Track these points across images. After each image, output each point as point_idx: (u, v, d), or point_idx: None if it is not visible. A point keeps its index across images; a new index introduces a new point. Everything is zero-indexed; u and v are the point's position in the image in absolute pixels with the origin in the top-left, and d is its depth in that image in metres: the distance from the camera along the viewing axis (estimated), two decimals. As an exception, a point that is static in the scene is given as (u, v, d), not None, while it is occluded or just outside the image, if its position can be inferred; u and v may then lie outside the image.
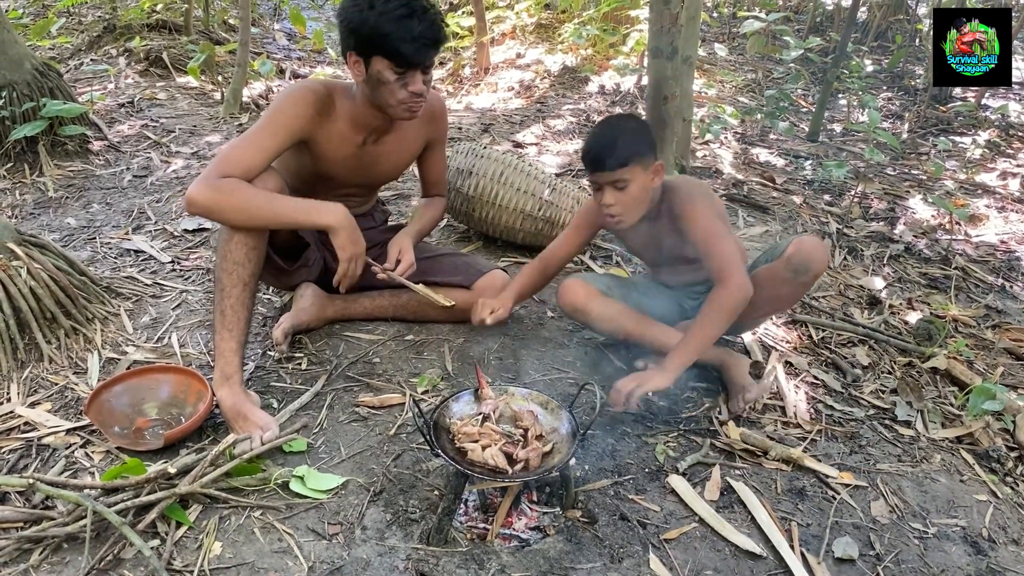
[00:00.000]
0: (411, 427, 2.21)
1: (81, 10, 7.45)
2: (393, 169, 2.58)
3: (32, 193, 3.91)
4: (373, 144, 2.42)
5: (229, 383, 2.14)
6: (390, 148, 2.46)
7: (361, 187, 2.61)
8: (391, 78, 2.14)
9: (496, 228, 3.33)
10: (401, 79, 2.15)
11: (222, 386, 2.14)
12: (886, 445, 2.35)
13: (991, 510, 2.12)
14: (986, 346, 3.05)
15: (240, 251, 2.16)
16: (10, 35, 4.07)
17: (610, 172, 2.19)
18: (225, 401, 2.12)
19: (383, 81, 2.16)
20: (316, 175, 2.44)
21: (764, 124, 5.39)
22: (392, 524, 1.86)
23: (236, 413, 2.10)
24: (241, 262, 2.17)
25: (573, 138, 4.92)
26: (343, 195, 2.51)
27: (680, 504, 2.00)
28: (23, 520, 1.80)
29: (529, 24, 7.15)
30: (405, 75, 2.14)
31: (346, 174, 2.46)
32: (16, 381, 2.37)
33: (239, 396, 2.13)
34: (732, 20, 8.02)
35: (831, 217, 4.15)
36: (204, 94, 5.66)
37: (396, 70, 2.13)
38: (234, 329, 2.18)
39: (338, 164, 2.40)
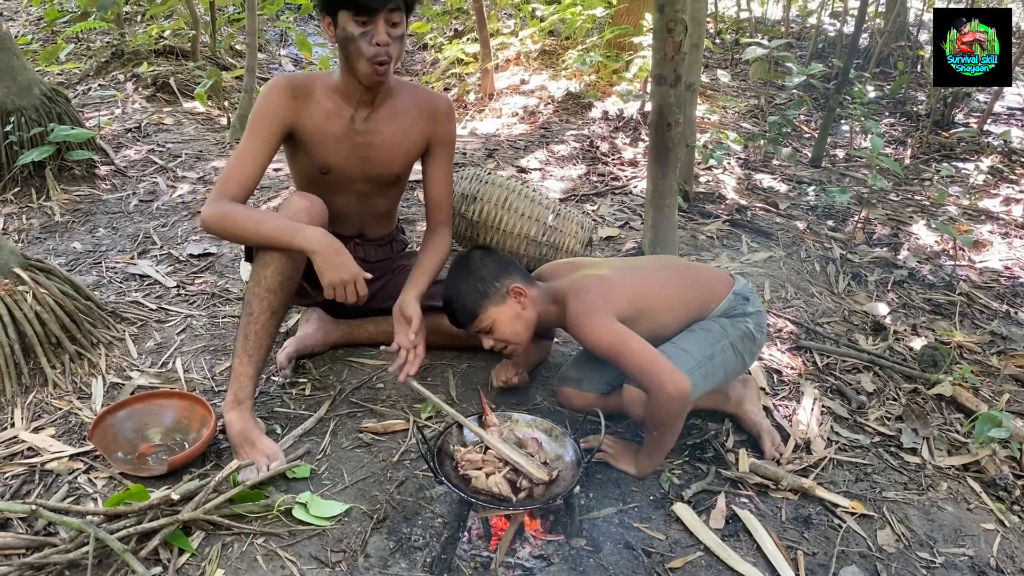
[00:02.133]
0: (415, 454, 2.20)
1: (89, 36, 7.52)
2: (392, 155, 2.43)
3: (39, 217, 3.93)
4: (364, 122, 2.35)
5: (240, 408, 2.13)
6: (383, 127, 2.37)
7: (368, 181, 2.47)
8: (356, 32, 2.12)
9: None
10: (365, 32, 2.11)
11: (233, 410, 2.13)
12: (892, 473, 2.34)
13: (999, 539, 2.10)
14: (991, 373, 3.04)
15: (275, 279, 2.16)
16: (19, 61, 4.11)
17: (469, 327, 2.21)
18: (234, 425, 2.11)
19: (349, 37, 2.13)
20: (317, 170, 2.39)
21: (767, 150, 5.41)
22: (395, 552, 1.85)
23: (244, 439, 2.09)
24: (274, 290, 2.17)
25: (577, 163, 4.94)
26: (356, 195, 2.48)
27: (685, 532, 1.99)
28: (25, 546, 1.79)
29: (533, 51, 7.20)
30: (367, 25, 2.11)
31: (344, 162, 2.38)
32: (20, 406, 2.37)
33: (248, 422, 2.12)
34: (735, 47, 8.07)
35: (834, 243, 4.16)
36: (211, 119, 5.70)
37: (358, 19, 2.10)
38: (255, 355, 2.17)
39: (332, 149, 2.35)
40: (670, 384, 1.93)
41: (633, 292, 2.19)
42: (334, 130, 2.33)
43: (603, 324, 2.04)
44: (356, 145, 2.38)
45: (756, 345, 2.33)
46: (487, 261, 2.25)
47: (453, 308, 2.22)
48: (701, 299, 2.30)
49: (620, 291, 2.16)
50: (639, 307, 2.17)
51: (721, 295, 2.30)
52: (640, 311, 2.16)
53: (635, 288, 2.21)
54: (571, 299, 2.13)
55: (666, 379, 1.94)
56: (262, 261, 2.17)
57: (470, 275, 2.21)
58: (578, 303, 2.10)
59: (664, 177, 3.08)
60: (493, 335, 2.21)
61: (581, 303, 2.10)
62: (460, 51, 7.05)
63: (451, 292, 2.22)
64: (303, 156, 2.40)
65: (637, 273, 2.33)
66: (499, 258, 2.30)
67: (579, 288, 2.15)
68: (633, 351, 2.00)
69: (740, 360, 2.28)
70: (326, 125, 2.32)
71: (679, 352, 2.13)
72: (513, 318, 2.19)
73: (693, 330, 2.26)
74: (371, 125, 2.37)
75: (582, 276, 2.24)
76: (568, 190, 4.45)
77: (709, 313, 2.29)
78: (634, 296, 2.18)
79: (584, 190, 4.45)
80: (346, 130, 2.35)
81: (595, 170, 4.82)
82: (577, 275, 2.26)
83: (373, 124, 2.37)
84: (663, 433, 2.08)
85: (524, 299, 2.21)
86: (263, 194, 4.24)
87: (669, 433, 2.09)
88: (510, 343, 2.23)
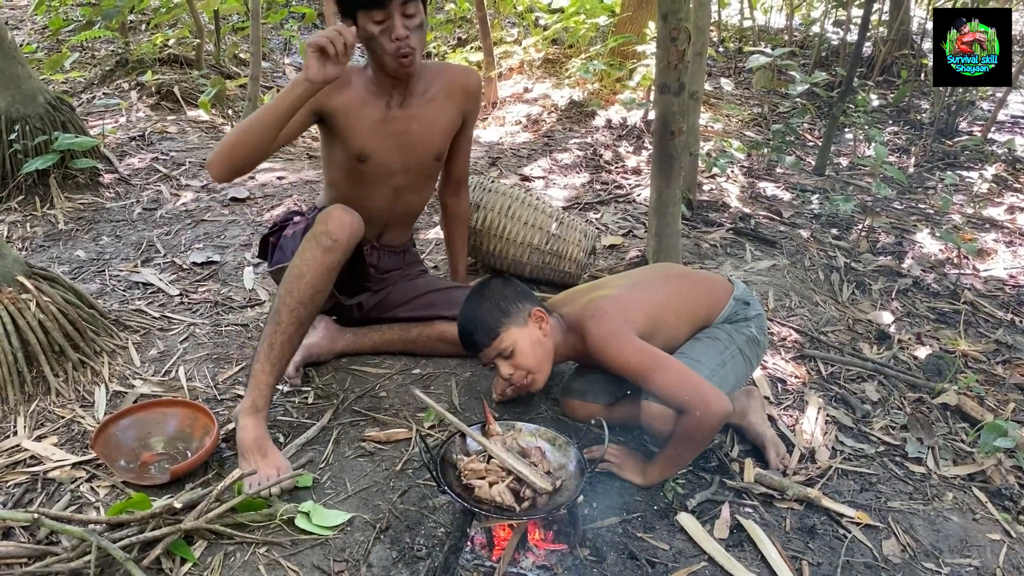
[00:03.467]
0: (417, 463, 2.19)
1: (94, 44, 7.55)
2: (431, 135, 2.46)
3: (42, 226, 3.93)
4: (400, 108, 2.38)
5: (257, 416, 2.12)
6: (419, 111, 2.40)
7: (406, 172, 2.49)
8: (375, 30, 2.17)
9: (503, 262, 3.33)
10: (383, 28, 2.16)
11: (249, 416, 2.11)
12: (897, 482, 2.33)
13: (1004, 550, 2.09)
14: (997, 382, 3.03)
15: (307, 292, 2.16)
16: (24, 69, 4.12)
17: (488, 348, 2.13)
18: (248, 432, 2.09)
19: (371, 36, 2.18)
20: (355, 158, 2.39)
21: (770, 158, 5.41)
22: (398, 562, 1.84)
23: (256, 448, 2.07)
24: (305, 302, 2.16)
25: (580, 172, 4.94)
26: (392, 188, 2.49)
27: (689, 542, 1.98)
28: (27, 555, 1.78)
29: (536, 59, 7.22)
30: (384, 22, 2.15)
31: (381, 148, 2.39)
32: (23, 414, 2.37)
33: (263, 431, 2.11)
34: (738, 55, 8.08)
35: (838, 251, 4.15)
36: (215, 128, 5.71)
37: (375, 18, 2.15)
38: (277, 364, 2.17)
39: (367, 134, 2.36)
40: (716, 405, 1.93)
41: (647, 307, 2.17)
42: (370, 116, 2.35)
43: (629, 344, 2.02)
44: (394, 132, 2.40)
45: (760, 348, 2.33)
46: (508, 286, 2.22)
47: (472, 328, 2.14)
48: (706, 306, 2.30)
49: (635, 308, 2.14)
50: (654, 321, 2.16)
51: (723, 301, 2.30)
52: (656, 325, 2.15)
53: (647, 303, 2.19)
54: (589, 323, 2.09)
55: (711, 400, 1.93)
56: (296, 272, 2.16)
57: (490, 297, 2.16)
58: (598, 326, 2.07)
59: (668, 185, 3.08)
60: (513, 361, 2.12)
61: (601, 326, 2.06)
62: (464, 59, 7.07)
63: (469, 314, 2.16)
64: (339, 144, 2.39)
65: (643, 287, 2.29)
66: (519, 285, 2.26)
67: (594, 311, 2.11)
68: (667, 369, 1.99)
69: (748, 365, 2.28)
70: (361, 110, 2.34)
71: (692, 363, 2.12)
72: (535, 343, 2.13)
73: (700, 339, 2.25)
74: (407, 111, 2.40)
75: (592, 299, 2.19)
76: (571, 198, 4.45)
77: (713, 320, 2.29)
78: (649, 311, 2.16)
79: (587, 198, 4.45)
80: (382, 116, 2.37)
81: (598, 178, 4.82)
82: (586, 299, 2.22)
83: (409, 109, 2.40)
84: (689, 450, 2.08)
85: (545, 325, 2.16)
86: (266, 202, 4.25)
87: (697, 450, 2.09)
88: (531, 372, 2.15)
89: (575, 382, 2.41)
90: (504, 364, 2.14)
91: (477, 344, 2.15)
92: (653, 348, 2.03)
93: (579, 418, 2.37)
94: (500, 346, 2.12)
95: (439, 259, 3.61)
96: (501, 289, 2.19)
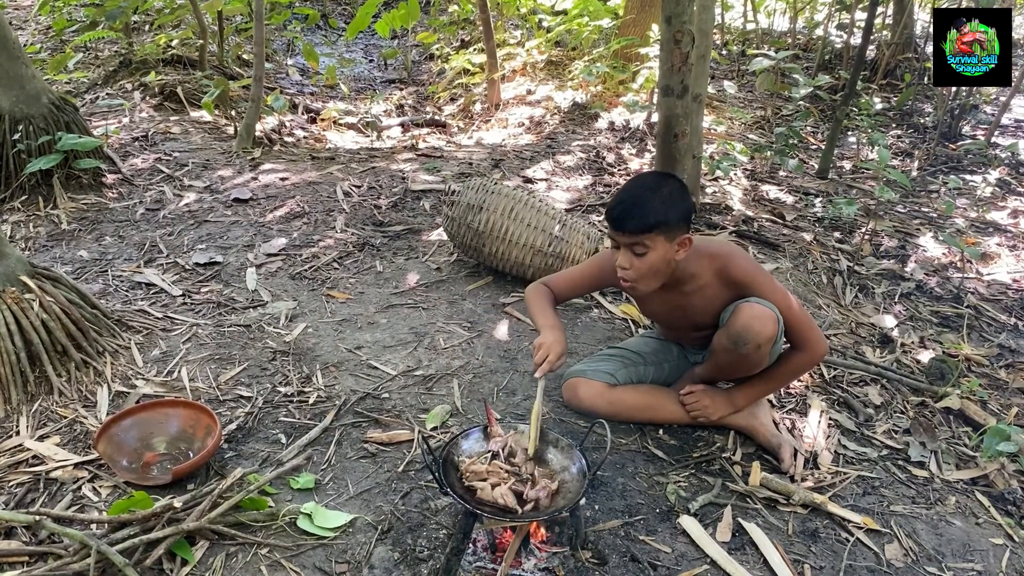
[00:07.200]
0: (420, 464, 2.19)
1: (98, 45, 7.57)
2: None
3: (46, 226, 3.94)
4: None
5: None
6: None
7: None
8: None
9: (506, 263, 3.33)
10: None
11: None
12: (900, 486, 2.32)
13: (1007, 554, 2.09)
14: (1000, 386, 3.03)
15: None
16: (28, 70, 4.12)
17: (630, 235, 2.07)
18: None
19: None
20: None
21: (774, 161, 5.41)
22: (400, 563, 1.84)
23: None
24: None
25: (583, 174, 4.94)
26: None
27: (691, 545, 1.98)
28: (29, 555, 1.79)
29: (540, 61, 7.22)
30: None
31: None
32: (26, 414, 2.37)
33: None
34: (741, 58, 8.08)
35: (841, 254, 4.15)
36: (218, 128, 5.72)
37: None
38: None
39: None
40: (825, 349, 2.28)
41: None
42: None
43: (772, 278, 2.25)
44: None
45: None
46: (684, 198, 2.14)
47: (631, 212, 2.06)
48: None
49: None
50: None
51: None
52: None
53: None
54: (733, 254, 2.25)
55: (824, 345, 2.27)
56: None
57: (666, 199, 2.08)
58: (743, 259, 2.25)
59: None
60: (639, 261, 2.11)
61: (745, 259, 2.27)
62: (467, 61, 7.08)
63: (644, 193, 2.09)
64: None
65: None
66: (690, 203, 2.20)
67: (733, 248, 2.31)
68: (796, 306, 2.23)
69: None
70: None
71: None
72: (666, 261, 2.13)
73: None
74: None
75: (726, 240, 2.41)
76: (574, 200, 4.45)
77: None
78: None
79: (590, 200, 4.45)
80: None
81: (601, 180, 4.82)
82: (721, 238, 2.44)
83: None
84: (785, 380, 2.38)
85: (683, 252, 2.15)
86: (269, 203, 4.25)
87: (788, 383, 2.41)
88: (642, 278, 2.15)
89: (575, 367, 2.52)
90: (627, 256, 2.13)
91: (622, 225, 2.08)
92: None
93: (580, 398, 2.45)
94: (642, 239, 2.07)
95: (440, 259, 3.61)
96: (678, 197, 2.12)
